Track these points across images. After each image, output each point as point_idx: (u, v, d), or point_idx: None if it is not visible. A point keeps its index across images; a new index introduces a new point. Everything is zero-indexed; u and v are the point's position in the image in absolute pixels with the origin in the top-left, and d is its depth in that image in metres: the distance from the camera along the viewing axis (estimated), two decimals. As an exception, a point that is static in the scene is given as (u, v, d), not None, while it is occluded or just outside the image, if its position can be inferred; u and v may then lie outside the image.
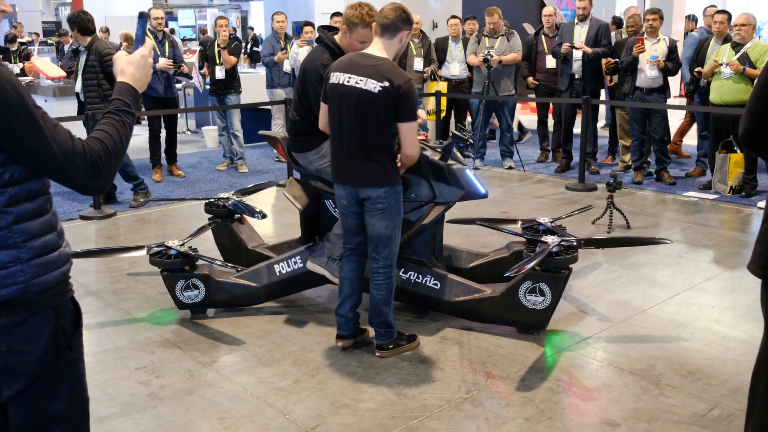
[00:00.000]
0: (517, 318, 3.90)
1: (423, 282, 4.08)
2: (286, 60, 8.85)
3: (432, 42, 9.14)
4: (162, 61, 7.79)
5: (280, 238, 5.46)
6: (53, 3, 25.67)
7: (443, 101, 8.88)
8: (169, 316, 4.29)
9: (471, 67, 8.75)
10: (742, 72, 6.69)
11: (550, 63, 8.44)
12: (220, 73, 8.37)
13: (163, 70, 7.83)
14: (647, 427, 3.03)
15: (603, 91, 8.80)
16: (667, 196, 7.21)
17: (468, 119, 9.54)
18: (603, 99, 8.74)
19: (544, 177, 8.19)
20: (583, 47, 7.84)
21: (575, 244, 3.88)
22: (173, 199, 6.49)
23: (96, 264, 5.25)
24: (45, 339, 1.73)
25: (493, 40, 8.35)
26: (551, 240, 3.83)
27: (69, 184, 1.72)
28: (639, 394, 3.31)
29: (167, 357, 3.75)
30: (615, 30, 9.14)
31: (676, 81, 11.13)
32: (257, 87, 9.74)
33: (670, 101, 7.95)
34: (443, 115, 9.02)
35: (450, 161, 3.92)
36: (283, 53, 8.78)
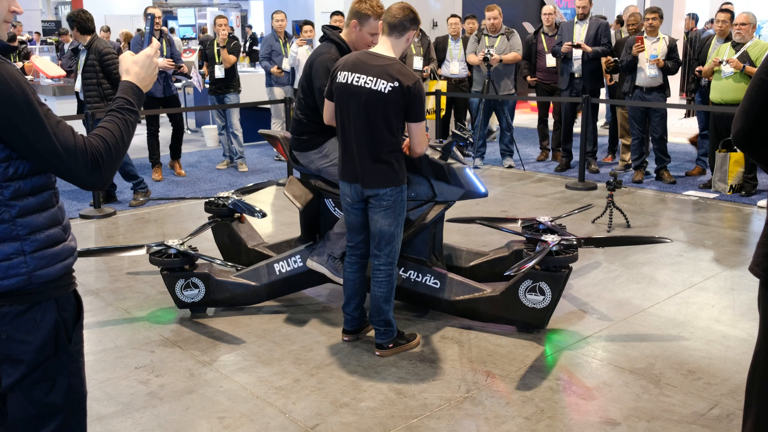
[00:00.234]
0: (517, 317, 3.90)
1: (423, 281, 4.08)
2: (285, 59, 8.84)
3: (431, 41, 9.14)
4: (161, 61, 7.76)
5: (279, 237, 5.46)
6: (53, 2, 25.66)
7: (443, 100, 8.88)
8: (169, 315, 4.29)
9: (471, 66, 8.75)
10: (741, 69, 6.68)
11: (549, 62, 8.43)
12: (219, 72, 8.37)
13: (163, 69, 7.81)
14: (647, 426, 3.03)
15: (603, 90, 8.79)
16: (667, 195, 7.21)
17: (468, 118, 9.54)
18: (603, 98, 8.74)
19: (544, 176, 8.19)
20: (584, 46, 7.84)
21: (575, 243, 3.88)
22: (173, 198, 6.48)
23: (96, 263, 5.25)
24: (45, 329, 1.77)
25: (493, 39, 8.34)
26: (551, 239, 3.83)
27: (70, 179, 1.76)
28: (639, 393, 3.31)
29: (167, 356, 3.75)
30: (618, 28, 9.13)
31: (676, 80, 11.12)
32: (256, 86, 9.75)
33: (671, 100, 7.95)
34: (443, 114, 9.02)
35: (450, 160, 3.92)
36: (278, 70, 8.85)
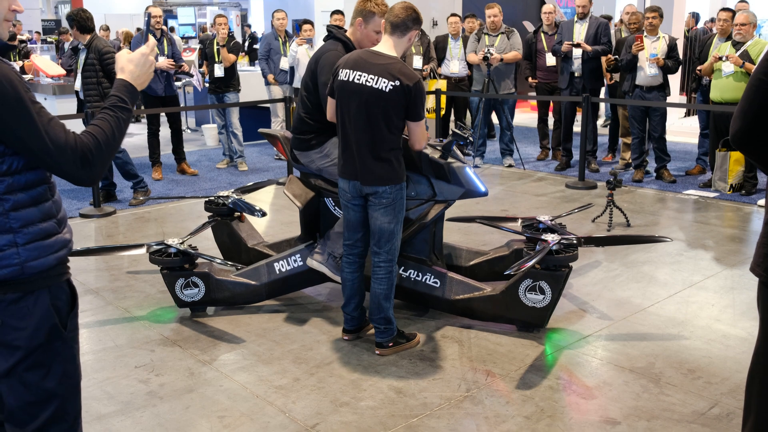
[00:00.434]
0: (517, 316, 3.90)
1: (423, 280, 4.08)
2: (283, 58, 8.84)
3: (431, 40, 9.13)
4: (162, 60, 7.76)
5: (279, 236, 5.46)
6: (53, 1, 25.67)
7: (443, 99, 8.87)
8: (169, 314, 4.29)
9: (471, 65, 8.74)
10: (741, 65, 6.68)
11: (549, 61, 8.42)
12: (219, 71, 8.36)
13: (164, 69, 7.80)
14: (647, 426, 3.03)
15: (603, 89, 8.79)
16: (667, 194, 7.21)
17: (468, 117, 9.54)
18: (603, 97, 8.73)
19: (544, 175, 8.19)
20: (584, 45, 7.83)
21: (575, 242, 3.88)
22: (173, 198, 6.46)
23: (96, 262, 5.25)
24: (38, 316, 1.83)
25: (493, 38, 8.33)
26: (551, 238, 3.83)
27: (61, 174, 1.82)
28: (639, 392, 3.31)
29: (167, 355, 3.75)
30: (620, 26, 9.12)
31: (676, 79, 11.11)
32: (256, 85, 9.75)
33: (671, 99, 7.94)
34: (443, 114, 9.02)
35: (450, 159, 3.92)
36: (273, 80, 8.91)
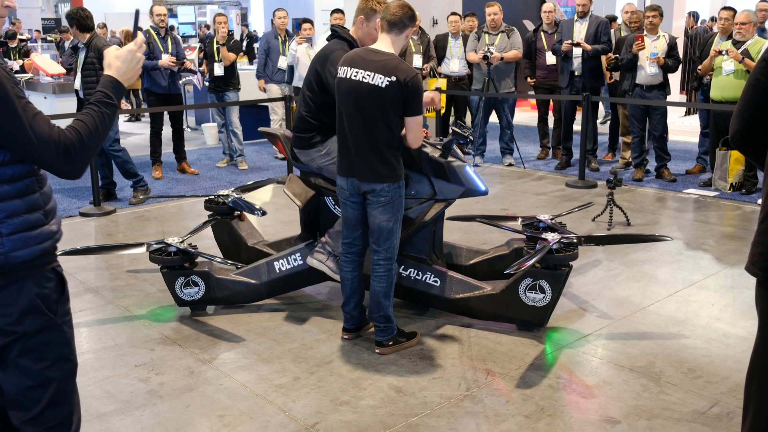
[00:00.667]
0: (517, 315, 3.90)
1: (423, 279, 4.08)
2: (282, 57, 8.84)
3: (431, 39, 9.12)
4: (165, 58, 7.77)
5: (279, 235, 5.46)
6: (53, 0, 25.65)
7: (443, 98, 8.86)
8: (169, 313, 4.29)
9: (471, 64, 8.73)
10: (741, 60, 6.67)
11: (549, 60, 8.42)
12: (219, 70, 8.36)
13: (167, 67, 7.81)
14: (647, 425, 3.02)
15: (603, 89, 8.78)
16: (668, 193, 7.21)
17: (468, 116, 9.53)
18: (603, 96, 8.73)
19: (544, 174, 8.19)
20: (583, 44, 7.83)
21: (575, 241, 3.88)
22: (173, 196, 6.48)
23: (95, 261, 5.25)
24: (24, 303, 1.87)
25: (494, 36, 8.32)
26: (551, 237, 3.83)
27: (45, 167, 1.87)
28: (639, 391, 3.31)
29: (167, 354, 3.75)
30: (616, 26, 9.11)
31: (676, 78, 11.11)
32: (256, 84, 9.73)
33: (671, 98, 7.94)
34: (443, 112, 9.01)
35: (450, 158, 3.92)
36: (262, 87, 8.97)
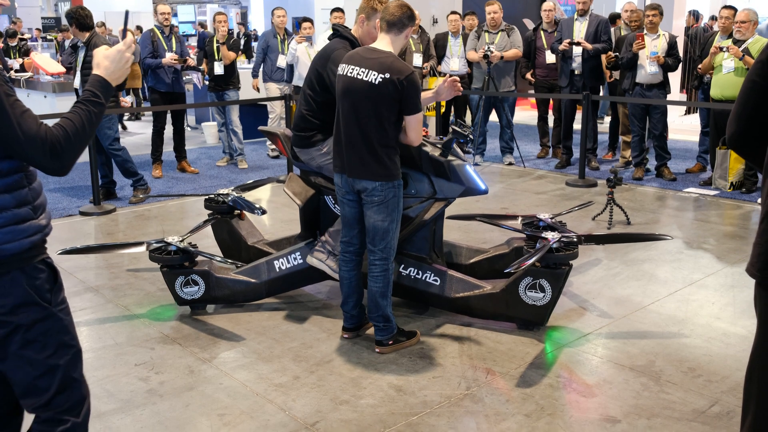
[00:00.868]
0: (517, 314, 3.90)
1: (423, 278, 4.08)
2: (281, 56, 8.84)
3: (431, 38, 9.12)
4: (168, 57, 7.80)
5: (279, 234, 5.46)
6: (52, -1, 25.61)
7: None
8: (169, 312, 4.29)
9: (471, 63, 8.73)
10: (741, 57, 6.67)
11: (549, 58, 8.42)
12: (219, 69, 8.36)
13: (170, 65, 7.83)
14: (647, 424, 3.02)
15: (603, 88, 8.77)
16: (668, 192, 7.21)
17: (468, 115, 9.53)
18: (603, 95, 8.72)
19: (544, 173, 8.18)
20: (584, 43, 7.82)
21: (575, 240, 3.88)
22: (173, 195, 6.48)
23: (95, 260, 5.25)
24: (16, 295, 1.91)
25: (494, 35, 8.32)
26: (551, 236, 3.83)
27: (32, 164, 1.92)
28: (639, 390, 3.31)
29: (167, 353, 3.75)
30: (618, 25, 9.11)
31: (676, 77, 11.11)
32: (258, 83, 9.73)
33: (671, 97, 7.93)
34: (443, 111, 9.01)
35: (450, 157, 3.92)
36: (255, 87, 9.00)
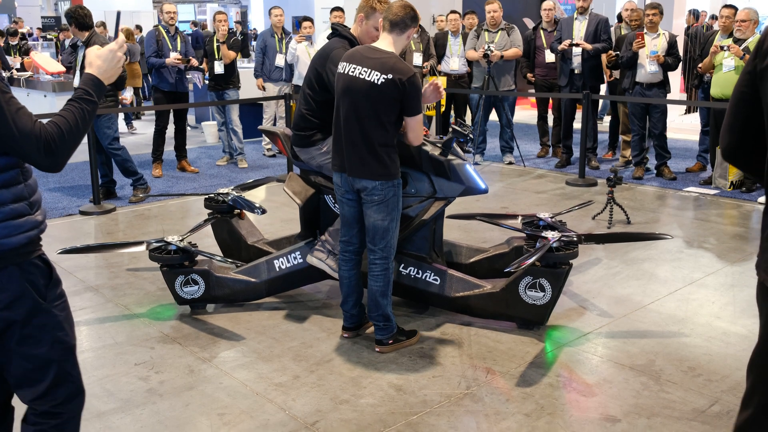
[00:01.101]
0: (517, 313, 3.90)
1: (423, 277, 4.08)
2: (279, 55, 8.83)
3: (431, 37, 9.11)
4: (172, 56, 7.82)
5: (279, 233, 5.45)
6: (52, -2, 25.62)
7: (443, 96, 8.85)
8: (169, 311, 4.29)
9: (471, 62, 8.72)
10: (742, 57, 6.66)
11: (549, 58, 8.41)
12: (219, 69, 8.35)
13: (173, 65, 7.84)
14: (647, 423, 3.02)
15: (603, 87, 8.76)
16: (668, 191, 7.20)
17: (468, 114, 9.53)
18: (603, 94, 8.71)
19: (544, 172, 8.18)
20: (583, 44, 7.81)
21: (575, 239, 3.88)
22: (173, 195, 6.47)
23: (95, 259, 5.24)
24: (12, 290, 1.94)
25: (493, 34, 8.31)
26: (551, 235, 3.83)
27: (27, 160, 1.94)
28: (639, 389, 3.31)
29: (167, 352, 3.75)
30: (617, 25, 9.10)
31: (676, 76, 11.10)
32: (256, 82, 9.73)
33: (671, 96, 7.93)
34: (443, 111, 9.00)
35: (450, 156, 3.91)
36: (261, 86, 8.93)
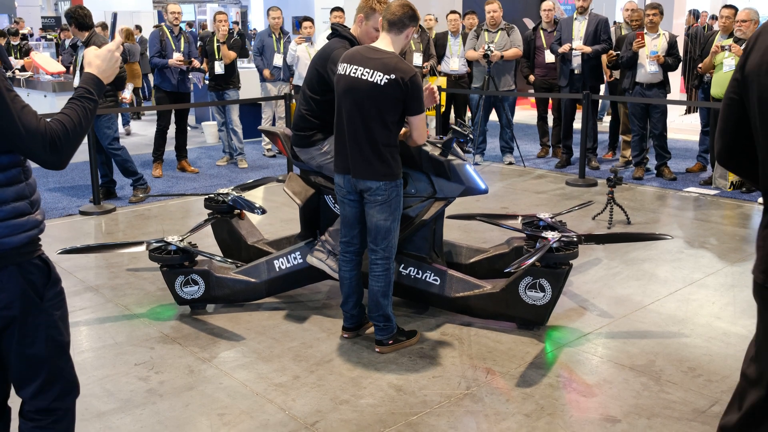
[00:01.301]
0: (517, 314, 3.90)
1: (423, 278, 4.07)
2: (277, 55, 8.83)
3: (431, 37, 9.11)
4: (174, 57, 7.83)
5: (279, 233, 5.45)
6: (52, -2, 25.61)
7: (443, 96, 8.86)
8: (169, 311, 4.29)
9: (471, 62, 8.72)
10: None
11: (548, 58, 8.41)
12: (219, 69, 8.35)
13: (176, 66, 7.84)
14: (647, 423, 3.02)
15: (602, 87, 8.76)
16: (668, 191, 7.20)
17: (468, 115, 9.53)
18: (603, 94, 8.71)
19: (544, 172, 8.18)
20: (583, 48, 7.80)
21: (575, 239, 3.88)
22: (173, 195, 6.47)
23: (95, 259, 5.24)
24: (12, 290, 1.97)
25: (493, 34, 8.31)
26: (551, 236, 3.83)
27: (32, 158, 1.95)
28: (639, 390, 3.31)
29: (167, 353, 3.74)
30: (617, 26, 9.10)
31: (676, 76, 11.11)
32: (256, 82, 9.74)
33: (671, 96, 7.93)
34: (443, 111, 9.00)
35: (450, 157, 3.91)
36: (270, 74, 8.88)
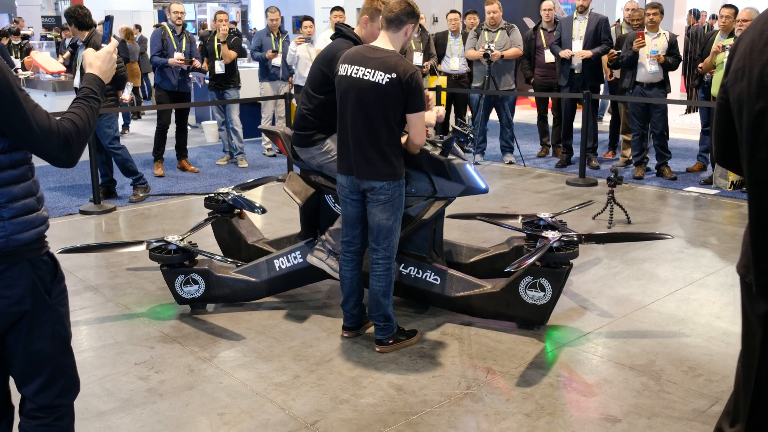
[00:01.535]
0: (518, 313, 3.89)
1: (423, 277, 4.07)
2: (276, 53, 8.82)
3: (431, 36, 9.11)
4: (175, 57, 7.83)
5: (279, 233, 5.45)
6: (52, -3, 25.59)
7: (443, 96, 8.86)
8: (169, 311, 4.29)
9: (471, 62, 8.72)
10: None
11: (549, 58, 8.40)
12: (219, 68, 8.35)
13: (176, 66, 7.84)
14: (647, 423, 3.02)
15: (602, 87, 8.76)
16: (668, 191, 7.20)
17: (468, 114, 9.53)
18: (603, 94, 8.70)
19: (544, 172, 8.18)
20: (583, 54, 7.80)
21: (576, 239, 3.87)
22: (173, 194, 6.47)
23: (95, 259, 5.24)
24: (23, 286, 2.01)
25: (493, 34, 8.31)
26: (552, 235, 3.83)
27: (44, 156, 2.00)
28: (639, 389, 3.31)
29: (167, 352, 3.74)
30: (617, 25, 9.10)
31: (676, 76, 11.10)
32: (256, 82, 9.74)
33: (671, 96, 7.92)
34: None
35: (450, 156, 3.91)
36: (273, 53, 8.79)
